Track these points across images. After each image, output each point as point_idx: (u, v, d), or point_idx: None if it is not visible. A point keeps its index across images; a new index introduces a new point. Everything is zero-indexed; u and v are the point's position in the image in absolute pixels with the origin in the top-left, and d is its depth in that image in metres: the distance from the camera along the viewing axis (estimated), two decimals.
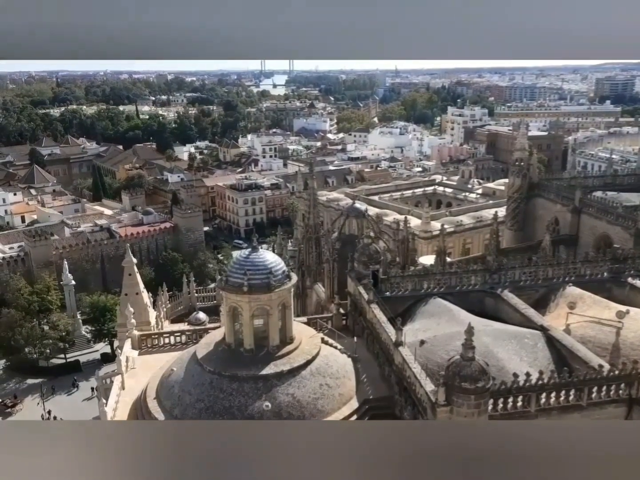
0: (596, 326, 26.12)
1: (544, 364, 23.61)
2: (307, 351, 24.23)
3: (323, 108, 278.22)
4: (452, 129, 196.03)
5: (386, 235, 42.84)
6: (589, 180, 50.94)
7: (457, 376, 18.95)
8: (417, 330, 26.17)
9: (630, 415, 21.18)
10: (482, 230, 66.01)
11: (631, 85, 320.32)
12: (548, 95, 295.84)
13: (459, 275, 30.25)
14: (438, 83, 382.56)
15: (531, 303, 29.33)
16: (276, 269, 23.87)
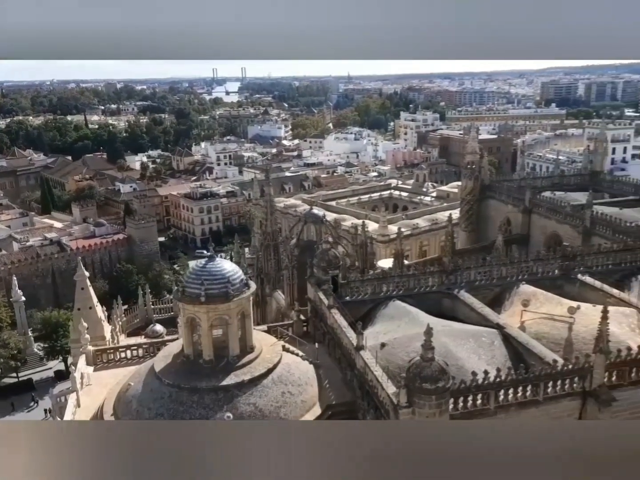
0: (549, 322, 26.84)
1: (501, 361, 24.09)
2: (268, 360, 24.00)
3: (277, 114, 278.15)
4: (405, 133, 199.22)
5: (345, 240, 43.04)
6: (538, 181, 52.49)
7: (417, 377, 19.10)
8: (378, 334, 26.31)
9: (584, 408, 21.81)
10: (437, 233, 67.19)
11: (574, 88, 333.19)
12: (496, 99, 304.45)
13: (416, 278, 30.62)
14: (390, 89, 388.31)
15: (487, 302, 29.92)
16: (234, 277, 23.58)
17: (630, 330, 26.03)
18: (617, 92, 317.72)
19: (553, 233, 43.33)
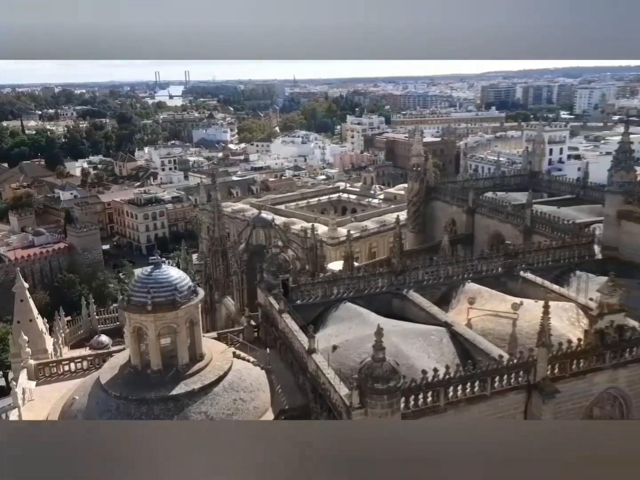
0: (494, 319, 27.62)
1: (449, 359, 24.60)
2: (218, 367, 23.65)
3: (223, 118, 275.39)
4: (352, 137, 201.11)
5: (294, 243, 43.01)
6: (480, 182, 53.99)
7: (369, 378, 19.27)
8: (330, 336, 26.37)
9: (529, 401, 22.55)
10: (386, 234, 68.03)
11: (513, 92, 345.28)
12: (439, 102, 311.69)
13: (366, 279, 30.91)
14: (336, 92, 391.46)
15: (435, 301, 30.52)
16: (181, 284, 23.12)
17: (570, 324, 27.10)
18: (553, 96, 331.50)
19: (496, 232, 44.64)
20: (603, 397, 24.12)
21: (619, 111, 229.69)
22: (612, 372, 23.78)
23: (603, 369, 23.59)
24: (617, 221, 35.53)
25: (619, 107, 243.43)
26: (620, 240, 35.29)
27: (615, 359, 23.68)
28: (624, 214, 35.21)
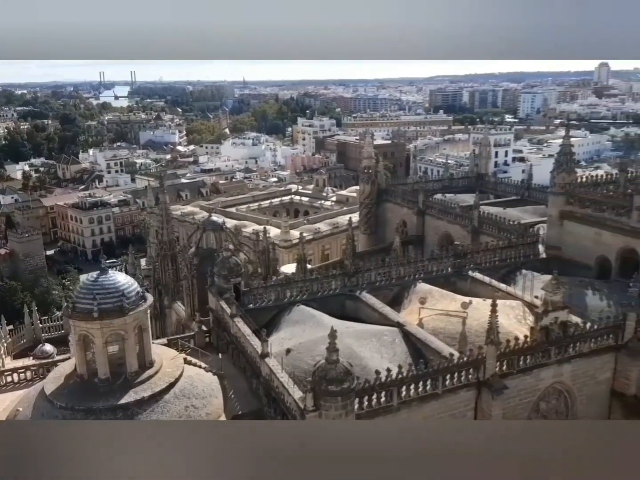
0: (445, 318, 28.10)
1: (402, 358, 24.86)
2: (169, 374, 23.11)
3: (171, 120, 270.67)
4: (303, 139, 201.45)
5: (246, 246, 42.60)
6: (430, 184, 54.96)
7: (323, 380, 19.23)
8: (283, 340, 26.21)
9: (479, 397, 23.05)
10: (339, 236, 68.34)
11: (459, 96, 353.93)
12: (389, 106, 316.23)
13: (319, 281, 30.92)
14: (286, 94, 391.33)
15: (387, 301, 30.81)
16: (129, 290, 22.46)
17: (517, 321, 27.88)
18: (498, 100, 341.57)
19: (445, 233, 45.53)
20: (549, 391, 24.92)
21: (560, 115, 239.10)
22: (557, 367, 24.60)
23: (548, 365, 24.37)
24: (560, 221, 36.83)
25: (560, 111, 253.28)
26: (563, 239, 36.61)
27: (560, 355, 24.50)
28: (566, 214, 36.54)
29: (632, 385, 25.65)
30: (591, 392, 25.64)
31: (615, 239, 33.49)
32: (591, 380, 25.58)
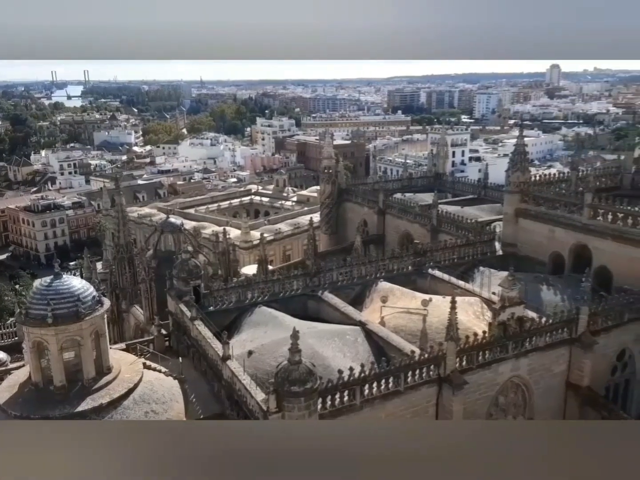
0: (406, 316, 28.40)
1: (365, 357, 24.98)
2: (127, 379, 22.57)
3: (126, 120, 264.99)
4: (262, 139, 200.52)
5: (206, 248, 42.12)
6: (390, 184, 55.47)
7: (286, 381, 19.14)
8: (245, 342, 25.99)
9: (440, 393, 23.37)
10: (300, 236, 68.22)
11: (417, 96, 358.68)
12: (348, 106, 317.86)
13: (281, 282, 30.78)
14: (245, 94, 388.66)
15: (349, 301, 30.93)
16: (85, 295, 21.82)
17: (476, 317, 28.41)
18: (454, 100, 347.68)
19: (405, 232, 46.04)
20: (507, 385, 25.49)
21: (514, 115, 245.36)
22: (514, 361, 25.18)
23: (506, 359, 24.92)
24: (515, 219, 37.72)
25: (514, 111, 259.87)
26: (518, 236, 37.51)
27: (517, 349, 25.09)
28: (521, 212, 37.46)
29: (586, 377, 26.50)
30: (547, 385, 26.35)
31: (568, 235, 34.52)
32: (547, 373, 26.29)
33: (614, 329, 28.04)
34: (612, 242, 31.81)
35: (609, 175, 43.20)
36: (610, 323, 27.87)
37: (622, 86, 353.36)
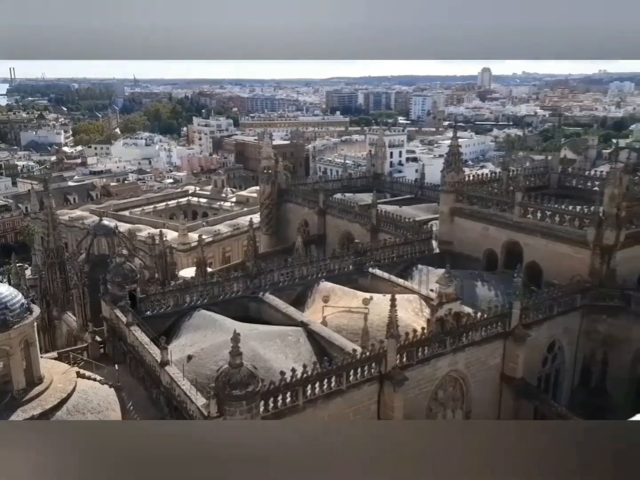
0: (347, 315, 28.61)
1: (307, 357, 24.98)
2: (60, 389, 21.61)
3: (55, 119, 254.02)
4: (199, 139, 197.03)
5: (141, 251, 40.95)
6: (330, 184, 55.77)
7: (227, 385, 18.87)
8: (184, 346, 25.44)
9: (382, 390, 23.68)
10: (240, 238, 67.51)
11: (355, 97, 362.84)
12: (286, 106, 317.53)
13: (221, 285, 30.33)
14: (180, 93, 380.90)
15: (291, 301, 30.85)
16: (12, 302, 20.71)
17: (415, 314, 28.98)
18: (391, 102, 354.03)
19: (346, 231, 46.42)
20: (446, 379, 26.14)
21: (448, 117, 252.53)
22: (452, 356, 25.86)
23: (445, 354, 25.55)
24: (450, 218, 38.79)
25: (448, 113, 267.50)
26: (454, 234, 38.58)
27: (455, 344, 25.78)
28: (456, 211, 38.55)
29: (519, 369, 27.56)
30: (483, 378, 27.21)
31: (500, 233, 35.80)
32: (483, 367, 27.16)
33: (545, 322, 29.34)
34: (541, 238, 33.24)
35: (538, 174, 45.19)
36: (540, 316, 29.13)
37: (548, 89, 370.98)
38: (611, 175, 30.92)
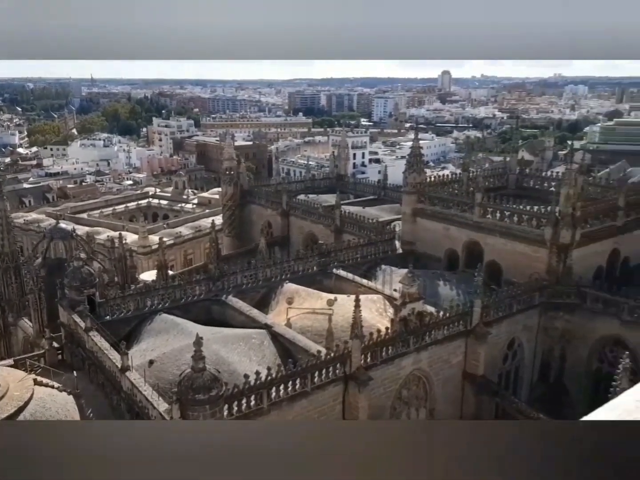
0: (312, 316, 28.58)
1: (271, 360, 24.83)
2: (17, 397, 20.90)
3: (9, 120, 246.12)
4: (160, 140, 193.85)
5: (101, 255, 39.97)
6: (293, 185, 55.75)
7: (189, 389, 18.58)
8: (145, 351, 24.96)
9: (346, 391, 23.73)
10: (202, 240, 66.67)
11: (317, 99, 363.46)
12: (248, 107, 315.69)
13: (182, 288, 29.89)
14: (140, 93, 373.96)
15: (254, 304, 30.64)
16: None
17: (379, 314, 29.17)
18: (353, 104, 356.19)
19: (309, 233, 46.42)
20: (409, 378, 26.40)
21: (409, 119, 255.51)
22: (416, 355, 26.14)
23: (408, 353, 25.80)
24: (413, 218, 39.23)
25: (409, 115, 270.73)
26: (416, 235, 39.05)
27: (418, 343, 26.06)
28: (418, 212, 39.02)
29: (481, 366, 28.06)
30: (446, 376, 27.60)
31: (461, 233, 36.41)
32: (446, 365, 27.54)
33: (505, 320, 29.97)
34: (500, 238, 33.95)
35: (497, 175, 46.20)
36: (501, 314, 29.75)
37: (506, 92, 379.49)
38: (566, 176, 31.80)
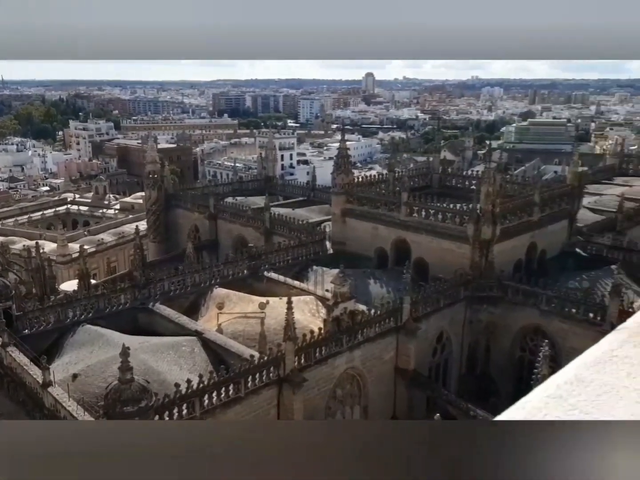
0: (244, 320, 28.24)
1: (203, 367, 24.30)
2: None
3: None
4: (78, 143, 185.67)
5: (16, 265, 37.78)
6: (220, 188, 54.88)
7: (117, 402, 17.86)
8: (68, 365, 23.77)
9: (281, 393, 23.60)
10: (126, 246, 64.34)
11: (243, 100, 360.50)
12: (171, 108, 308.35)
13: (106, 297, 28.72)
14: (55, 95, 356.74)
15: (183, 310, 29.90)
16: None
17: (312, 315, 29.23)
18: (279, 105, 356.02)
19: (239, 236, 45.84)
20: (343, 377, 26.63)
21: (336, 120, 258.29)
22: (349, 353, 26.40)
23: (341, 352, 26.03)
24: (342, 218, 39.63)
25: (335, 116, 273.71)
26: (346, 235, 39.47)
27: (351, 342, 26.35)
28: (347, 212, 39.46)
29: (412, 361, 28.75)
30: (379, 372, 28.06)
31: (389, 231, 37.16)
32: (378, 361, 28.00)
33: (433, 315, 30.87)
34: (426, 235, 34.93)
35: (421, 175, 47.51)
36: (429, 309, 30.62)
37: (427, 94, 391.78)
38: (486, 174, 33.14)
